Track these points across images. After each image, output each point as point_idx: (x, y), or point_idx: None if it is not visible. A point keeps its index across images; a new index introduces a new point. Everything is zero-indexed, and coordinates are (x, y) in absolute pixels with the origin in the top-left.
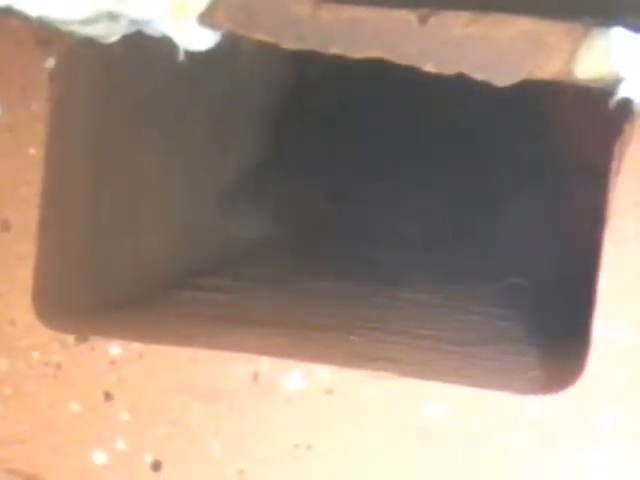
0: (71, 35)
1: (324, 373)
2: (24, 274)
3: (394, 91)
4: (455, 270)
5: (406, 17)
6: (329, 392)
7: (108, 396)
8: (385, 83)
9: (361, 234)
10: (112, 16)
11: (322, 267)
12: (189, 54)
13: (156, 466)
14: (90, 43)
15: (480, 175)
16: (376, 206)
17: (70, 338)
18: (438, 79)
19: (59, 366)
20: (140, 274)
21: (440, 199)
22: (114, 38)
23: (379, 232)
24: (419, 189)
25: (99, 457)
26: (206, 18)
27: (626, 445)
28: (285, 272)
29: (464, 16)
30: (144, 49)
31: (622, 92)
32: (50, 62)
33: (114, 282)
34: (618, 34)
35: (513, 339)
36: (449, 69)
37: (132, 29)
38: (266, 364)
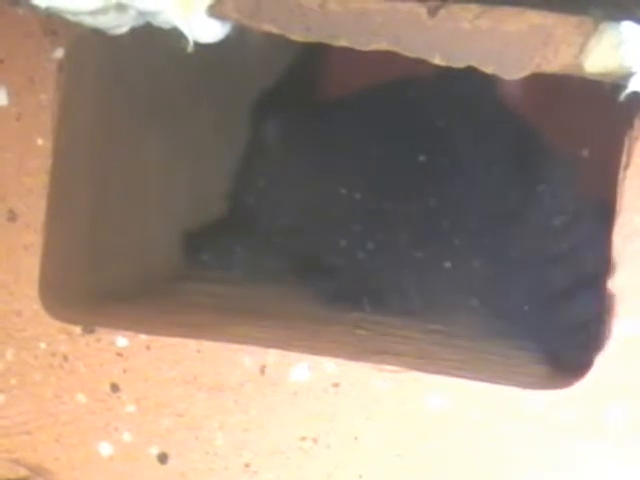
0: (79, 26)
1: (331, 366)
2: (30, 264)
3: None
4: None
5: (415, 9)
6: (336, 385)
7: (114, 387)
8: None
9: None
10: (120, 7)
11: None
12: (198, 46)
13: (162, 458)
14: (98, 34)
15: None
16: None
17: (77, 329)
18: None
19: (65, 357)
20: (147, 265)
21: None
22: (122, 29)
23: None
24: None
25: (105, 449)
26: (215, 9)
27: (632, 441)
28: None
29: (473, 9)
30: (152, 40)
31: (632, 86)
32: (58, 52)
33: (121, 273)
34: (628, 28)
35: (519, 333)
36: (458, 62)
37: (140, 20)
38: (273, 356)
